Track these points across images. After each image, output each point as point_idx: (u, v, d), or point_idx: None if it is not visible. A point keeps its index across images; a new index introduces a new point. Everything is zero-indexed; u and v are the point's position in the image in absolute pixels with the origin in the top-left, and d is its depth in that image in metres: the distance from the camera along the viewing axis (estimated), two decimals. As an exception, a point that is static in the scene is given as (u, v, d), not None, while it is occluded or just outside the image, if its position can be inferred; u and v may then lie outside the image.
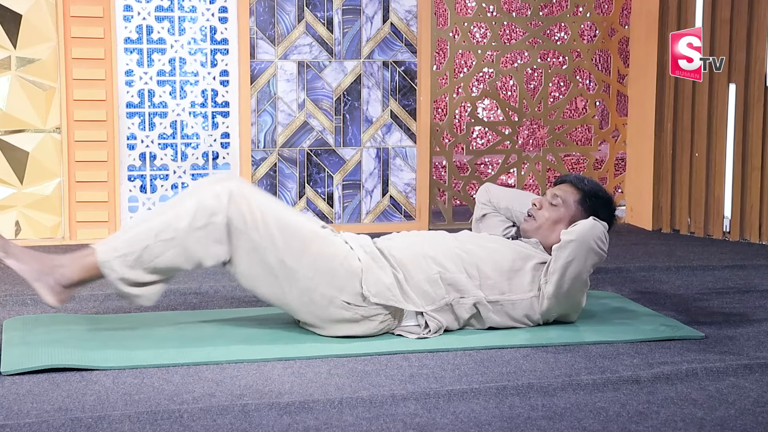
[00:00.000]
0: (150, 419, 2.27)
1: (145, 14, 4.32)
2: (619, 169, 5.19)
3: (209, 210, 2.80)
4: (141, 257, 2.79)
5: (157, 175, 4.41)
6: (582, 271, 2.95)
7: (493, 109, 5.96)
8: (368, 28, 4.56)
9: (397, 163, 4.65)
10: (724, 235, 4.55)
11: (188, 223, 2.79)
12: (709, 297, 3.51)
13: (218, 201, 2.81)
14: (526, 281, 3.00)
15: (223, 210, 2.81)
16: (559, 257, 2.94)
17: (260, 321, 3.10)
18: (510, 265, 3.00)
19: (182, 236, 2.79)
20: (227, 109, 4.46)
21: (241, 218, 2.81)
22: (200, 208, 2.80)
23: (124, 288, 2.82)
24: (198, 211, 2.80)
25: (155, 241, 2.79)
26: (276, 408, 2.34)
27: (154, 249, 2.79)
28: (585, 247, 2.92)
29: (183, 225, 2.79)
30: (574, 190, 3.15)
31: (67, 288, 2.83)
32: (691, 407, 2.41)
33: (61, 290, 2.82)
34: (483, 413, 2.35)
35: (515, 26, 5.78)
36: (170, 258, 2.80)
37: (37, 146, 4.24)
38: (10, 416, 2.30)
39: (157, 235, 2.79)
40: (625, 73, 4.94)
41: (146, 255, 2.79)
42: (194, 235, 2.80)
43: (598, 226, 2.94)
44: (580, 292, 3.02)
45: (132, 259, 2.79)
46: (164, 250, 2.79)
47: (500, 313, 3.00)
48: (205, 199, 2.82)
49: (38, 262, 2.83)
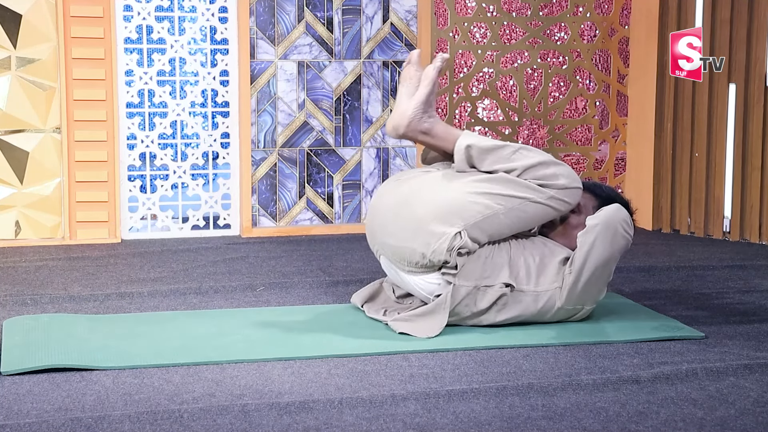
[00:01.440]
0: (150, 419, 2.27)
1: (145, 14, 4.33)
2: (619, 169, 5.19)
3: (561, 183, 3.05)
4: (494, 151, 3.05)
5: (157, 175, 4.41)
6: (608, 257, 2.95)
7: (493, 109, 5.96)
8: (368, 28, 4.56)
9: (397, 163, 4.65)
10: (724, 235, 4.55)
11: (540, 173, 3.05)
12: (709, 297, 3.51)
13: (569, 184, 3.05)
14: (551, 274, 3.01)
15: (561, 188, 3.04)
16: (584, 242, 2.94)
17: (260, 321, 3.10)
18: (540, 259, 3.02)
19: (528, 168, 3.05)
20: (227, 109, 4.46)
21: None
22: (564, 174, 3.06)
23: (461, 154, 3.06)
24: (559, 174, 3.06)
25: (512, 152, 3.05)
26: (276, 408, 2.34)
27: (504, 152, 3.06)
28: (611, 230, 2.92)
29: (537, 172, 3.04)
30: (592, 196, 3.17)
31: (423, 131, 3.12)
32: (691, 407, 2.41)
33: (420, 125, 3.11)
34: (483, 413, 2.35)
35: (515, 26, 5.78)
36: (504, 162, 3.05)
37: (37, 146, 4.24)
38: (10, 416, 2.30)
39: (516, 151, 3.06)
40: (625, 73, 4.94)
41: (498, 152, 3.06)
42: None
43: (623, 210, 2.96)
44: (602, 282, 3.02)
45: (488, 145, 3.05)
46: (514, 158, 3.06)
47: (518, 304, 2.99)
48: (567, 175, 3.07)
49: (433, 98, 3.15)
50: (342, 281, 3.61)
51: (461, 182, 3.00)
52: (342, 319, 3.14)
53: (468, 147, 3.02)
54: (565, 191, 3.01)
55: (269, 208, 4.53)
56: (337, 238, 4.44)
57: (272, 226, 4.54)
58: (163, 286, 3.53)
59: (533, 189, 2.99)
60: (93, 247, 4.21)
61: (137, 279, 3.64)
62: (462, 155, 3.02)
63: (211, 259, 3.99)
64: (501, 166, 3.00)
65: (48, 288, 3.49)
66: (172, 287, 3.50)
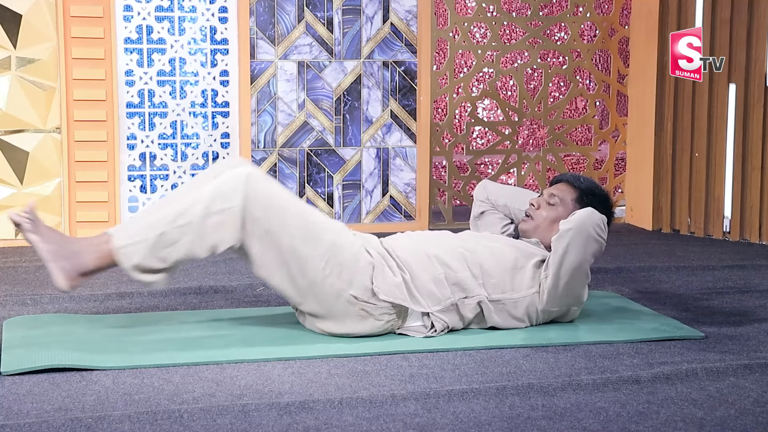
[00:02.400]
0: (150, 419, 2.27)
1: (145, 14, 4.33)
2: (619, 169, 5.19)
3: (226, 195, 2.79)
4: (156, 244, 2.77)
5: (157, 175, 4.41)
6: (582, 261, 2.94)
7: (493, 109, 5.96)
8: (368, 28, 4.56)
9: (397, 163, 4.65)
10: (724, 235, 4.55)
11: (205, 208, 2.78)
12: (709, 297, 3.51)
13: (235, 186, 2.80)
14: (527, 278, 3.00)
15: (240, 195, 2.80)
16: (558, 247, 2.93)
17: (260, 321, 3.10)
18: (513, 264, 3.01)
19: (198, 221, 2.78)
20: (227, 109, 4.46)
21: (257, 204, 2.81)
22: (217, 193, 2.80)
23: (138, 275, 2.81)
24: (215, 196, 2.79)
25: (171, 227, 2.78)
26: (276, 408, 2.34)
27: (171, 235, 2.78)
28: (584, 234, 2.91)
29: (199, 210, 2.78)
30: (571, 188, 3.16)
31: (82, 275, 2.81)
32: (691, 407, 2.41)
33: (76, 276, 2.80)
34: (483, 413, 2.35)
35: (515, 26, 5.78)
36: (186, 244, 2.79)
37: (37, 146, 4.24)
38: (10, 416, 2.30)
39: (174, 221, 2.78)
40: (625, 73, 4.94)
41: (162, 242, 2.77)
42: (210, 220, 2.79)
43: (596, 214, 2.94)
44: (581, 284, 3.01)
45: (147, 247, 2.77)
46: (180, 236, 2.78)
47: (502, 312, 3.00)
48: (221, 184, 2.81)
49: (59, 245, 2.80)
50: (342, 281, 3.61)
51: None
52: (342, 319, 3.14)
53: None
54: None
55: (269, 208, 4.53)
56: (337, 238, 4.43)
57: (272, 226, 4.54)
58: (163, 286, 3.53)
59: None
60: (93, 247, 4.20)
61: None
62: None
63: (210, 259, 3.99)
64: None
65: (48, 288, 3.49)
66: (171, 287, 3.50)
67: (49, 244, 2.79)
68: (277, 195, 2.85)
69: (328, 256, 2.85)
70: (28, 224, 2.79)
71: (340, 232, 2.91)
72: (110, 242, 2.80)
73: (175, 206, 2.81)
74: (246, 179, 2.81)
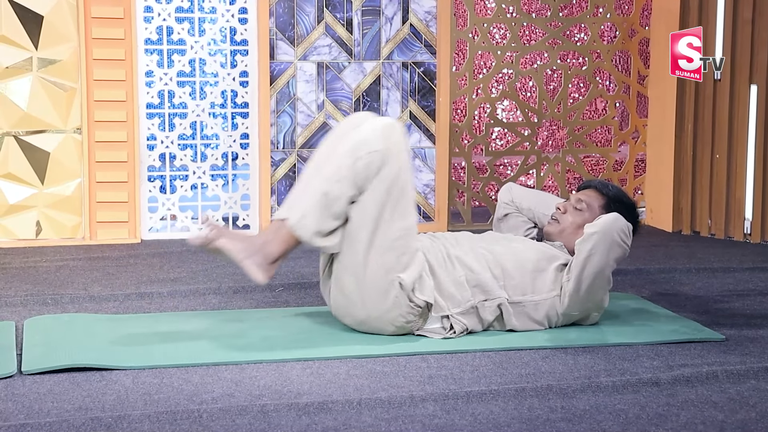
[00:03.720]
0: (169, 419, 2.28)
1: (165, 15, 4.34)
2: (639, 170, 5.17)
3: (369, 141, 2.87)
4: (325, 205, 2.86)
5: (176, 176, 4.43)
6: (604, 266, 2.94)
7: (513, 110, 5.95)
8: (387, 29, 4.56)
9: (416, 164, 4.65)
10: (745, 237, 4.52)
11: (353, 156, 2.86)
12: (729, 299, 3.50)
13: (376, 133, 2.87)
14: (548, 281, 3.00)
15: (382, 141, 2.86)
16: (581, 250, 2.93)
17: (279, 322, 3.11)
18: (534, 266, 3.00)
19: (351, 170, 2.86)
20: (247, 110, 4.47)
21: (392, 154, 2.87)
22: (361, 141, 2.87)
23: (319, 241, 2.88)
24: (359, 143, 2.87)
25: (330, 185, 2.86)
26: (295, 408, 2.35)
27: (333, 192, 2.86)
28: (608, 239, 2.91)
29: (348, 161, 2.86)
30: (599, 195, 3.16)
31: (272, 264, 2.90)
32: (711, 410, 2.40)
33: (268, 266, 2.90)
34: (502, 415, 2.35)
35: (535, 27, 5.77)
36: (346, 194, 2.86)
37: (58, 147, 4.27)
38: (31, 415, 2.31)
39: (330, 178, 2.86)
40: (645, 74, 4.92)
41: (328, 200, 2.86)
42: (359, 164, 2.85)
43: (622, 219, 2.94)
44: (602, 290, 3.01)
45: (318, 210, 2.85)
46: (341, 190, 2.86)
47: (521, 315, 2.99)
48: (365, 131, 2.89)
49: (246, 243, 2.90)
50: (361, 282, 3.61)
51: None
52: (361, 319, 3.14)
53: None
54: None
55: (288, 208, 4.53)
56: (356, 239, 4.44)
57: (291, 226, 4.54)
58: (183, 286, 3.54)
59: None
60: (113, 247, 4.22)
61: (157, 279, 3.66)
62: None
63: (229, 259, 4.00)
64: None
65: (68, 288, 3.50)
66: (191, 287, 3.51)
67: (238, 244, 2.89)
68: (405, 158, 2.92)
69: (404, 234, 2.89)
70: (214, 233, 2.86)
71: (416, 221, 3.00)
72: (285, 224, 2.88)
73: (327, 168, 2.89)
74: (387, 128, 2.89)
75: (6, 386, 2.51)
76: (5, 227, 4.24)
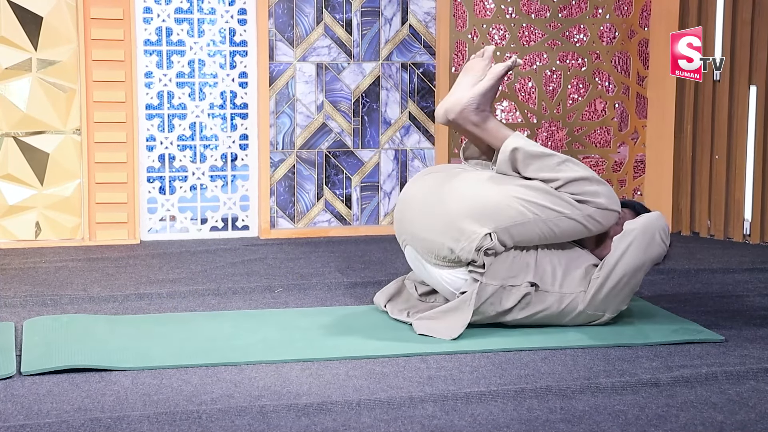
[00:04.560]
0: (169, 420, 2.28)
1: (164, 16, 4.34)
2: (639, 171, 5.17)
3: (603, 204, 3.02)
4: (542, 159, 3.02)
5: (176, 177, 4.43)
6: (640, 264, 2.93)
7: (512, 111, 5.95)
8: (387, 30, 4.56)
9: (416, 165, 4.65)
10: (745, 238, 4.52)
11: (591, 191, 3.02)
12: (729, 300, 3.50)
13: (610, 210, 3.02)
14: (578, 278, 2.99)
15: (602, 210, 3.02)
16: (619, 246, 2.93)
17: (278, 322, 3.11)
18: (566, 263, 3.00)
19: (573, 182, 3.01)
20: (246, 111, 4.47)
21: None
22: (605, 194, 3.04)
23: (506, 155, 3.01)
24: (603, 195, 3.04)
25: (559, 164, 3.02)
26: (294, 409, 2.35)
27: (551, 161, 3.02)
28: (648, 236, 2.90)
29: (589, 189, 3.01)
30: (631, 211, 3.16)
31: (474, 119, 3.07)
32: (710, 411, 2.40)
33: (475, 112, 3.07)
34: (501, 416, 2.35)
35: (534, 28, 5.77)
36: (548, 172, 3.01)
37: (57, 148, 4.27)
38: (30, 416, 2.31)
39: (562, 163, 3.03)
40: (644, 75, 4.92)
41: (545, 160, 3.03)
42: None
43: (663, 219, 2.93)
44: (628, 289, 2.99)
45: (537, 152, 3.02)
46: (560, 171, 3.01)
47: (539, 303, 2.98)
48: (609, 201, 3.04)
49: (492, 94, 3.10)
50: (360, 283, 3.61)
51: (500, 185, 2.98)
52: (360, 320, 3.14)
53: (515, 150, 2.99)
54: (602, 212, 2.98)
55: (287, 209, 4.54)
56: (355, 240, 4.44)
57: (290, 227, 4.55)
58: (182, 287, 3.54)
59: (571, 204, 2.97)
60: (112, 248, 4.22)
61: (156, 280, 3.66)
62: (507, 156, 3.00)
63: (229, 260, 4.00)
64: (545, 174, 2.97)
65: (68, 289, 3.50)
66: (190, 288, 3.51)
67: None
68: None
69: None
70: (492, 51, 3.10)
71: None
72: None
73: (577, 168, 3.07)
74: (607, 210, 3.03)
75: (5, 387, 2.51)
76: (5, 228, 4.24)
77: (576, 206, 2.96)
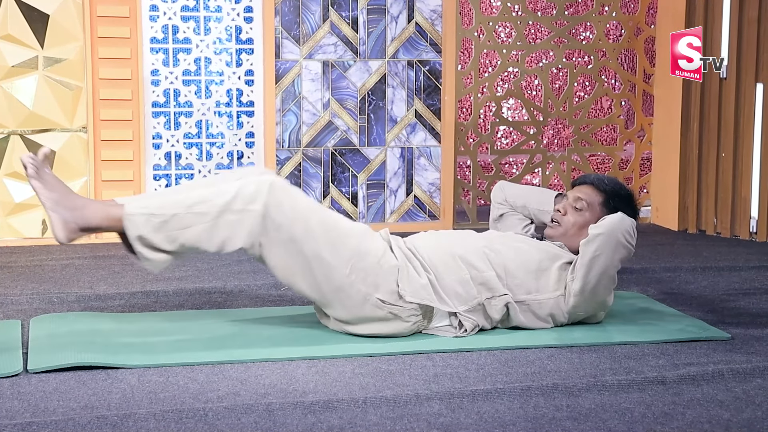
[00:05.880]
0: (175, 417, 2.28)
1: (170, 14, 4.35)
2: (645, 169, 5.16)
3: (249, 197, 2.78)
4: (168, 223, 2.74)
5: (182, 175, 4.43)
6: (609, 266, 2.93)
7: (518, 108, 5.95)
8: (393, 28, 4.56)
9: (422, 163, 4.65)
10: (751, 236, 4.52)
11: (225, 203, 2.77)
12: (735, 298, 3.49)
13: (258, 190, 2.79)
14: (552, 281, 2.99)
15: (262, 201, 2.78)
16: (586, 252, 2.93)
17: (285, 320, 3.11)
18: (537, 265, 3.00)
19: (215, 214, 2.76)
20: (252, 109, 4.48)
21: (280, 210, 2.80)
22: (240, 193, 2.78)
23: (140, 247, 2.76)
24: (238, 194, 2.78)
25: (187, 211, 2.76)
26: (300, 407, 2.35)
27: (184, 219, 2.75)
28: (613, 241, 2.91)
29: (219, 203, 2.77)
30: (597, 192, 3.14)
31: (82, 230, 2.76)
32: (717, 408, 2.40)
33: (76, 229, 2.75)
34: (507, 413, 2.35)
35: (540, 26, 5.77)
36: (196, 232, 2.76)
37: (64, 145, 4.27)
38: (36, 413, 2.32)
39: (191, 207, 2.76)
40: (651, 72, 4.91)
41: (174, 222, 2.75)
42: (227, 217, 2.77)
43: (627, 220, 2.93)
44: (607, 290, 3.01)
45: (158, 222, 2.74)
46: (192, 222, 2.75)
47: (527, 312, 2.99)
48: (246, 185, 2.80)
49: (62, 196, 2.75)
50: (366, 281, 3.61)
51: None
52: (366, 318, 3.14)
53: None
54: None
55: (294, 207, 4.54)
56: (361, 238, 4.44)
57: (297, 225, 4.54)
58: (189, 284, 3.55)
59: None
60: (119, 245, 4.20)
61: (162, 278, 3.66)
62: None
63: (236, 258, 4.00)
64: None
65: (74, 286, 3.51)
66: (197, 286, 3.51)
67: (51, 192, 2.74)
68: (300, 203, 2.84)
69: (353, 262, 2.84)
70: (33, 169, 2.73)
71: (364, 236, 2.90)
72: (121, 207, 2.77)
73: (195, 193, 2.79)
74: (270, 187, 2.80)
75: (12, 385, 2.52)
76: (11, 226, 4.25)
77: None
